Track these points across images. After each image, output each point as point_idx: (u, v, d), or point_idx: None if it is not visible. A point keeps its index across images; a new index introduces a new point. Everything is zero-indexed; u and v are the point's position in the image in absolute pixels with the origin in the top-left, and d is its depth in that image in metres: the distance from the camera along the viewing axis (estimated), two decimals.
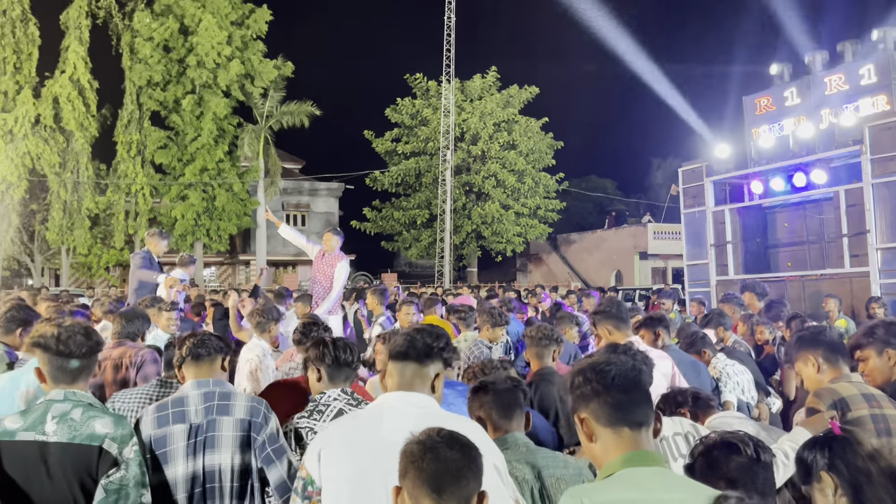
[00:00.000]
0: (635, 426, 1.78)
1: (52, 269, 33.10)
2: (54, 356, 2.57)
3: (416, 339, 2.28)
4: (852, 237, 11.53)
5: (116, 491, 2.39)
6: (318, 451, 2.16)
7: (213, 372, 2.87)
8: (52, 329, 2.62)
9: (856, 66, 12.78)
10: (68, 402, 2.54)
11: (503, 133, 33.32)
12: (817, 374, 2.99)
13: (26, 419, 2.50)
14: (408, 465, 1.76)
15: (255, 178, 31.27)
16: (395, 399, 2.22)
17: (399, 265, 44.80)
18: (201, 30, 28.16)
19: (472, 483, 1.75)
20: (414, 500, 1.73)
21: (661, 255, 32.99)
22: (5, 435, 2.47)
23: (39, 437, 2.46)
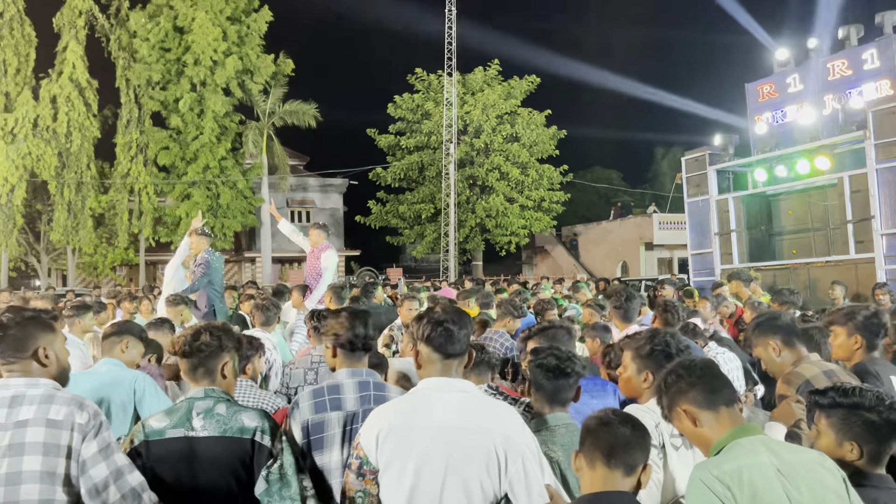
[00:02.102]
0: (730, 404, 2.13)
1: (59, 269, 33.23)
2: (188, 357, 2.67)
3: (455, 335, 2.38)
4: (857, 223, 11.48)
5: (278, 480, 2.46)
6: (375, 434, 2.27)
7: (364, 364, 2.93)
8: (186, 333, 2.73)
9: (859, 51, 12.69)
10: (209, 399, 2.63)
11: (506, 125, 33.22)
12: (777, 358, 3.17)
13: (172, 417, 2.58)
14: (586, 435, 2.14)
15: (259, 175, 31.31)
16: (438, 383, 2.34)
17: (404, 260, 44.83)
18: (195, 27, 28.16)
19: (639, 455, 2.09)
20: (589, 462, 2.09)
21: (666, 246, 32.89)
22: (154, 434, 2.55)
23: (189, 433, 2.55)
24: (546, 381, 2.72)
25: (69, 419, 2.33)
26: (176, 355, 2.73)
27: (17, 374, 2.42)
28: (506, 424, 2.25)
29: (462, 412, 2.24)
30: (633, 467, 2.07)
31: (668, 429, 2.50)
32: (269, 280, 29.21)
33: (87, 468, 2.33)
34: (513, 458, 2.18)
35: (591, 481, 2.09)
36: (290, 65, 31.40)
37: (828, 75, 13.14)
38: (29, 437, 2.29)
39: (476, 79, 34.15)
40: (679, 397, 2.17)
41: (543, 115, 34.15)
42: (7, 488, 2.25)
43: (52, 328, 2.57)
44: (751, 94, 14.70)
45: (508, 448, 2.19)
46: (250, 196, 31.00)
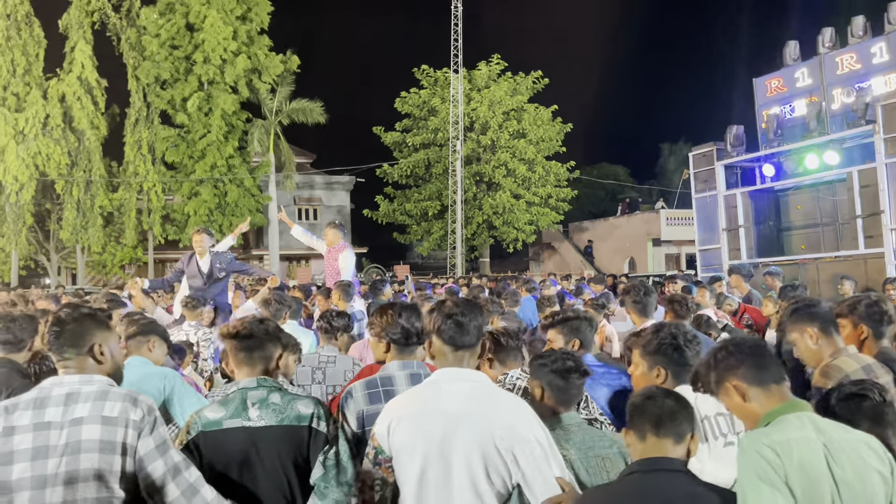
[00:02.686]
0: (780, 380, 2.19)
1: (69, 268, 33.42)
2: (234, 346, 2.71)
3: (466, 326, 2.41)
4: (866, 218, 11.42)
5: (334, 466, 2.50)
6: (387, 424, 2.34)
7: (415, 356, 2.98)
8: (237, 322, 2.78)
9: (867, 45, 12.60)
10: (262, 389, 2.65)
11: (512, 122, 33.18)
12: (814, 346, 3.12)
13: (227, 408, 2.60)
14: (633, 411, 2.24)
15: (266, 173, 31.37)
16: (448, 374, 2.39)
17: (412, 257, 44.85)
18: (206, 26, 28.22)
19: (685, 424, 2.19)
20: (640, 434, 2.19)
21: (674, 242, 32.79)
22: (211, 425, 2.57)
23: (246, 423, 2.57)
24: (561, 381, 2.73)
25: (124, 416, 2.33)
26: (232, 339, 2.76)
27: (73, 371, 2.42)
28: (514, 415, 2.27)
29: (468, 400, 2.29)
30: (682, 436, 2.17)
31: None
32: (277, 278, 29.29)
33: (145, 465, 2.33)
34: (521, 450, 2.20)
35: (643, 452, 2.17)
36: (295, 61, 31.43)
37: (836, 69, 13.06)
38: (85, 434, 2.28)
39: (481, 75, 34.10)
40: (728, 373, 2.24)
41: (550, 111, 34.09)
42: (65, 487, 2.24)
43: (107, 325, 2.58)
44: (759, 89, 14.63)
45: (515, 440, 2.21)
46: (257, 194, 31.08)
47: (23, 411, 2.31)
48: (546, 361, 2.80)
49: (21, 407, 2.33)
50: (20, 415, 2.30)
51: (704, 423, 2.65)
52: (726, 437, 2.65)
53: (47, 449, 2.26)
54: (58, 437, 2.27)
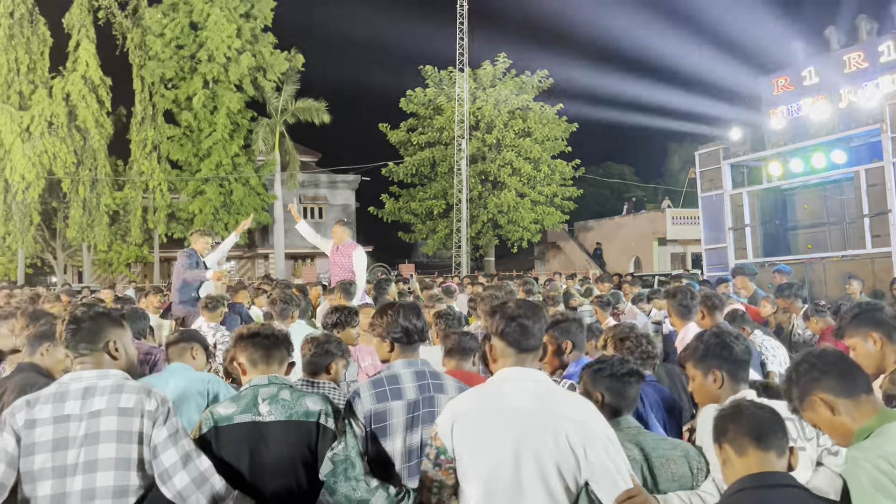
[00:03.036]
0: (869, 391, 2.15)
1: (75, 266, 33.52)
2: (254, 345, 2.83)
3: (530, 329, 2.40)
4: (873, 217, 11.36)
5: (343, 461, 2.56)
6: (450, 423, 2.32)
7: (418, 354, 3.03)
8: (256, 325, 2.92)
9: (875, 43, 12.55)
10: (273, 386, 2.76)
11: (518, 121, 33.13)
12: (879, 352, 2.98)
13: (238, 404, 2.72)
14: (726, 424, 2.16)
15: (272, 171, 31.41)
16: (512, 374, 2.37)
17: (416, 256, 44.84)
18: (210, 24, 28.25)
19: (784, 437, 2.12)
20: (739, 449, 2.10)
21: (679, 241, 32.68)
22: (223, 420, 2.68)
23: (256, 417, 2.68)
24: (619, 385, 2.72)
25: (139, 406, 2.46)
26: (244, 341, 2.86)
27: (89, 366, 2.56)
28: (583, 411, 2.26)
29: (534, 398, 2.27)
30: (783, 449, 2.10)
31: None
32: (283, 276, 29.34)
33: (158, 453, 2.45)
34: (592, 445, 2.18)
35: (746, 467, 2.08)
36: (300, 59, 31.41)
37: (844, 68, 13.01)
38: (103, 426, 2.41)
39: (486, 73, 34.06)
40: (813, 386, 2.17)
41: (555, 110, 34.04)
42: (85, 476, 2.37)
43: (121, 323, 2.74)
44: (765, 88, 14.58)
45: (587, 435, 2.19)
46: (263, 193, 31.11)
47: (43, 405, 2.44)
48: (604, 367, 2.78)
49: (41, 401, 2.45)
50: (41, 408, 2.43)
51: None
52: (795, 443, 2.57)
53: (67, 440, 2.39)
54: (77, 429, 2.40)
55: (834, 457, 2.60)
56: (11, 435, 2.41)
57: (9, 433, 2.41)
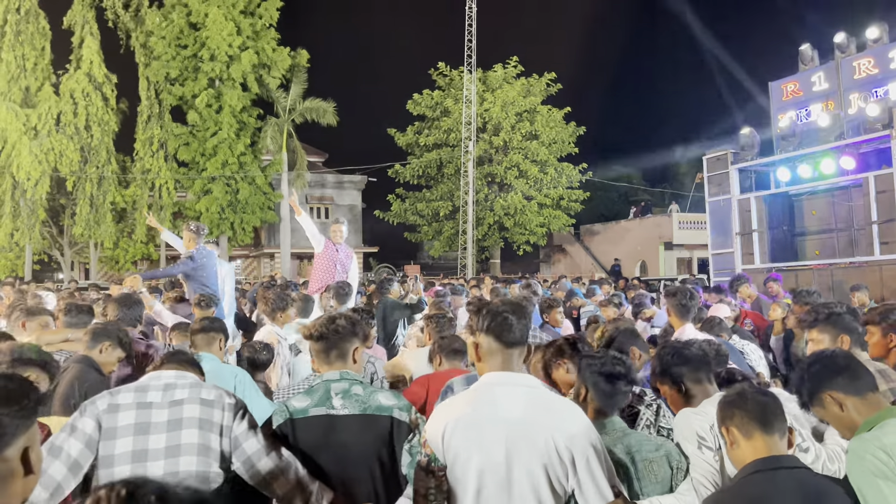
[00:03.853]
0: (875, 389, 2.35)
1: (82, 263, 33.64)
2: (324, 342, 2.86)
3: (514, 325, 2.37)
4: (882, 224, 11.30)
5: (420, 452, 2.58)
6: (441, 430, 2.28)
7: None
8: (320, 319, 2.95)
9: (885, 50, 12.47)
10: (345, 381, 2.80)
11: (525, 123, 33.10)
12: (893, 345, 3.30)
13: (312, 397, 2.76)
14: (732, 409, 2.30)
15: (278, 171, 31.45)
16: (503, 378, 2.32)
17: (422, 257, 44.84)
18: (209, 23, 28.31)
19: (784, 419, 2.27)
20: (745, 433, 2.24)
21: (686, 246, 32.60)
22: (298, 413, 2.72)
23: (330, 411, 2.71)
24: (607, 386, 2.72)
25: (220, 400, 2.59)
26: (310, 339, 2.89)
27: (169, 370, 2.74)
28: (572, 422, 2.23)
29: (527, 406, 2.24)
30: (785, 431, 2.26)
31: None
32: (289, 276, 29.38)
33: (241, 442, 2.54)
34: (580, 456, 2.17)
35: (753, 450, 2.23)
36: (305, 55, 31.33)
37: (853, 74, 12.93)
38: (186, 413, 2.52)
39: (496, 76, 34.05)
40: (824, 384, 2.39)
41: (563, 113, 33.99)
42: (167, 460, 2.44)
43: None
44: (774, 93, 14.50)
45: (574, 446, 2.17)
46: (269, 192, 31.15)
47: (126, 393, 2.56)
48: (595, 363, 2.79)
49: (124, 390, 2.58)
50: (124, 395, 2.54)
51: None
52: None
53: (149, 426, 2.48)
54: (159, 416, 2.50)
55: (804, 453, 2.66)
56: (92, 418, 2.47)
57: (89, 416, 2.47)
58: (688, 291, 4.77)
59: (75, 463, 2.39)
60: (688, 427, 2.65)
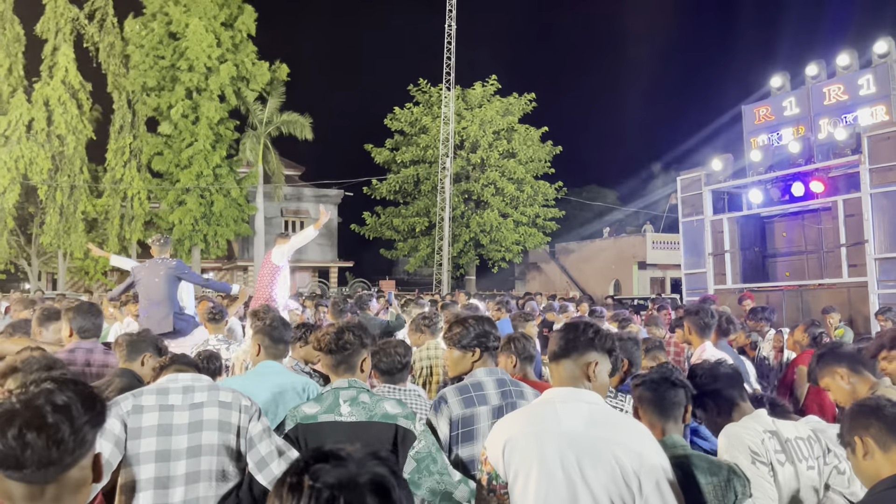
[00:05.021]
0: None
1: (50, 273, 32.99)
2: (334, 353, 2.97)
3: (568, 338, 2.36)
4: (850, 247, 11.50)
5: (425, 457, 2.71)
6: (502, 446, 2.23)
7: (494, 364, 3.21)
8: (329, 331, 3.04)
9: (855, 77, 12.76)
10: (353, 389, 2.92)
11: (503, 141, 33.32)
12: (846, 386, 3.18)
13: (322, 404, 2.87)
14: (870, 420, 2.25)
15: (254, 183, 31.24)
16: (564, 394, 2.29)
17: (397, 273, 44.73)
18: (189, 34, 28.14)
19: None
20: (883, 446, 2.21)
21: (659, 265, 32.92)
22: (307, 419, 2.84)
23: (338, 417, 2.83)
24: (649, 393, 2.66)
25: (236, 402, 2.73)
26: (321, 351, 3.01)
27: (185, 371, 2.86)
28: (639, 442, 2.15)
29: (589, 422, 2.18)
30: None
31: (773, 445, 2.56)
32: None
33: (255, 443, 2.68)
34: (648, 478, 2.08)
35: (892, 465, 2.18)
36: (284, 70, 31.31)
37: (824, 100, 13.21)
38: (206, 415, 2.66)
39: (475, 94, 34.27)
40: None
41: (540, 132, 34.28)
42: (189, 460, 2.58)
43: None
44: (747, 116, 14.76)
45: (642, 467, 2.08)
46: (244, 205, 30.90)
47: (148, 395, 2.66)
48: (637, 379, 2.77)
49: (146, 393, 2.69)
50: (147, 397, 2.66)
51: (787, 445, 2.63)
52: (808, 461, 2.62)
53: (171, 427, 2.61)
54: (181, 418, 2.63)
55: (842, 476, 2.62)
56: (118, 419, 2.57)
57: (115, 417, 2.57)
58: (709, 310, 4.84)
59: (107, 463, 2.49)
60: (739, 442, 2.57)
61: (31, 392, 1.45)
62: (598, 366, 2.32)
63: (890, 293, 10.80)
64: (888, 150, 10.97)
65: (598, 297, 24.51)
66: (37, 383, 1.48)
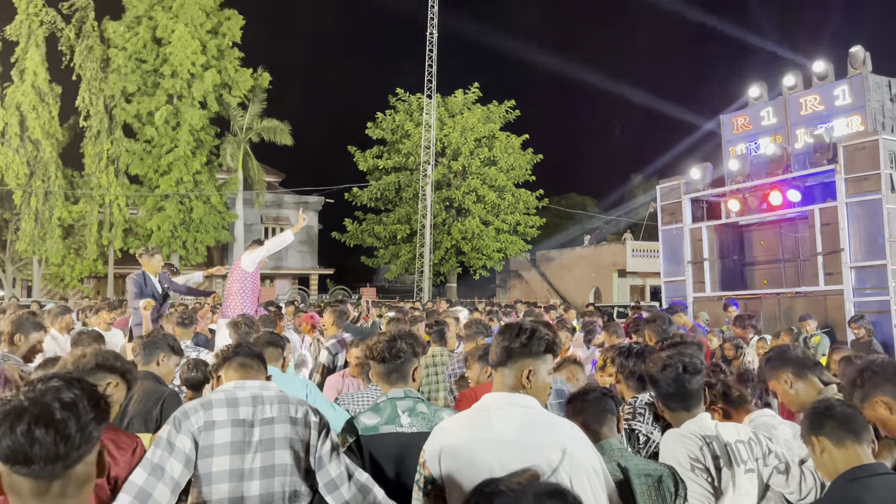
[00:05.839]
0: None
1: (25, 279, 32.49)
2: (381, 363, 2.95)
3: (503, 346, 2.37)
4: (826, 255, 11.61)
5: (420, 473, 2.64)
6: (438, 451, 2.26)
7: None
8: (381, 339, 3.02)
9: (831, 87, 12.93)
10: (409, 399, 2.91)
11: (484, 149, 33.39)
12: (790, 390, 3.19)
13: (381, 415, 2.85)
14: (822, 420, 2.41)
15: (234, 190, 31.01)
16: (499, 400, 2.31)
17: (378, 280, 44.59)
18: (174, 39, 27.95)
19: (869, 430, 2.41)
20: (838, 442, 2.36)
21: (639, 273, 33.11)
22: (368, 430, 2.81)
23: (399, 429, 2.82)
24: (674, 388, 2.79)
25: (306, 418, 2.63)
26: (373, 360, 2.98)
27: (251, 377, 2.75)
28: (568, 441, 2.18)
29: (521, 427, 2.21)
30: (870, 441, 2.39)
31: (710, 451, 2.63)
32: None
33: (325, 464, 2.59)
34: (577, 476, 2.12)
35: (846, 459, 2.34)
36: (266, 78, 31.24)
37: (800, 110, 13.37)
38: (277, 433, 2.56)
39: (456, 101, 34.33)
40: (876, 390, 2.58)
41: (521, 140, 34.40)
42: (263, 480, 2.50)
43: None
44: (726, 126, 14.90)
45: (573, 465, 2.12)
46: (224, 211, 30.67)
47: (218, 408, 2.53)
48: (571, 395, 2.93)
49: (216, 405, 2.55)
50: (217, 411, 2.52)
51: (727, 448, 2.68)
52: (746, 465, 2.68)
53: (243, 444, 2.51)
54: (252, 434, 2.53)
55: (781, 475, 2.70)
56: (188, 436, 2.46)
57: (185, 434, 2.46)
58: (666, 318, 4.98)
59: (177, 485, 2.41)
60: (679, 449, 2.65)
61: (39, 389, 1.48)
62: (534, 372, 2.34)
63: (865, 301, 10.92)
64: (863, 159, 11.11)
65: (579, 304, 24.58)
66: (44, 381, 1.52)
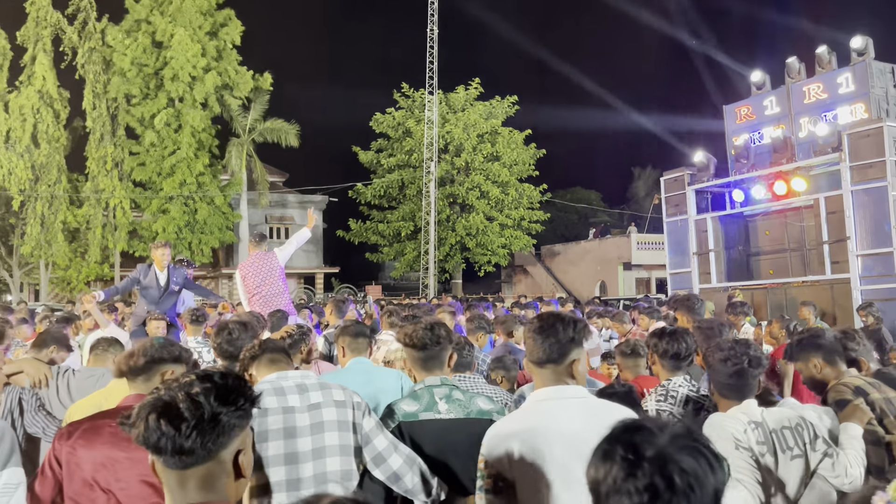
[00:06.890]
0: None
1: (32, 284, 32.62)
2: (420, 350, 3.00)
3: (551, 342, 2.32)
4: (833, 244, 11.59)
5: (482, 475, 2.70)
6: (504, 451, 2.23)
7: None
8: (418, 327, 3.06)
9: (834, 75, 12.89)
10: (445, 387, 2.96)
11: (487, 144, 33.36)
12: (818, 375, 3.32)
13: (419, 402, 2.91)
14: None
15: (238, 190, 31.06)
16: (553, 394, 2.31)
17: (383, 277, 44.64)
18: (174, 43, 27.99)
19: None
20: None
21: (644, 266, 33.06)
22: (408, 417, 2.88)
23: (437, 415, 2.88)
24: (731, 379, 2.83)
25: (349, 399, 2.76)
26: (413, 347, 3.02)
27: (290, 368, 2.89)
28: None
29: (584, 417, 2.20)
30: None
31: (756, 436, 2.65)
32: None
33: (371, 439, 2.72)
34: None
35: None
36: (268, 79, 31.27)
37: (804, 98, 13.32)
38: (325, 416, 2.68)
39: (458, 97, 34.30)
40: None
41: (524, 135, 34.35)
42: (315, 462, 2.63)
43: None
44: (729, 116, 14.86)
45: None
46: (228, 212, 30.72)
47: (268, 397, 2.62)
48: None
49: (266, 394, 2.61)
50: (268, 399, 2.61)
51: (772, 435, 2.69)
52: (793, 451, 2.69)
53: (295, 430, 2.63)
54: (302, 420, 2.65)
55: (829, 459, 2.69)
56: None
57: None
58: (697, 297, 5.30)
59: None
60: (722, 430, 2.68)
61: (175, 384, 1.55)
62: (578, 361, 2.34)
63: (872, 289, 10.89)
64: (868, 147, 11.08)
65: (585, 298, 24.55)
66: (186, 376, 1.59)
